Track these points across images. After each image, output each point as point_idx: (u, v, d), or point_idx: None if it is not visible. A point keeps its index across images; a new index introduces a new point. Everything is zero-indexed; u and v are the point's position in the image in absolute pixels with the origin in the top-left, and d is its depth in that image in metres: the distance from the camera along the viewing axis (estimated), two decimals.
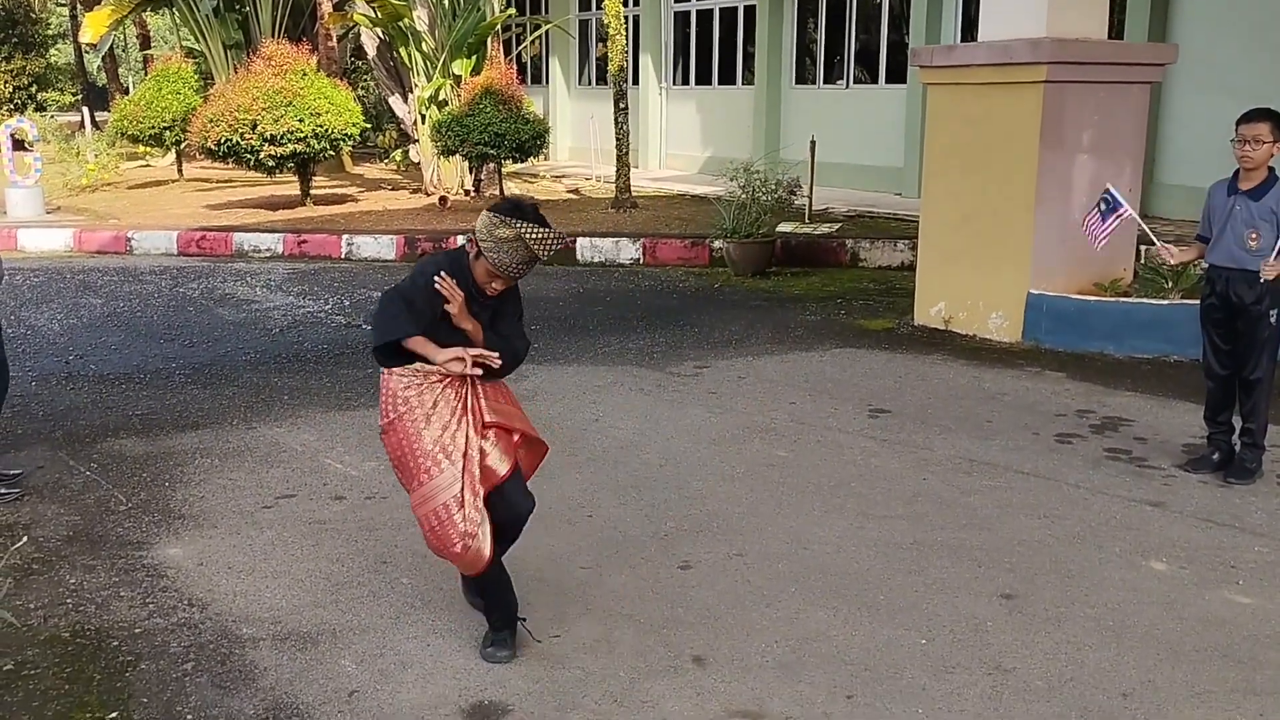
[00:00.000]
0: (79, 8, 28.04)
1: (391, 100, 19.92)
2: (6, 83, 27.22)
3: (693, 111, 20.28)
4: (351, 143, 16.09)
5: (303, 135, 14.74)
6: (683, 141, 20.49)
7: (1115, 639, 3.96)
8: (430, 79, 17.15)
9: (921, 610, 4.18)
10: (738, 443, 6.14)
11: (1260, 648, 3.89)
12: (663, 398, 6.97)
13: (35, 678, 3.72)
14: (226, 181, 19.46)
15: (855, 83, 17.26)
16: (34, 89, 27.92)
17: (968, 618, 4.12)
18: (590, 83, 23.18)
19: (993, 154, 8.40)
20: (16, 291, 10.28)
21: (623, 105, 15.11)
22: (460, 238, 12.68)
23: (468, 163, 16.32)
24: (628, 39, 17.43)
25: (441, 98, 16.91)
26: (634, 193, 15.44)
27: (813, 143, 13.32)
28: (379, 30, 18.17)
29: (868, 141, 16.40)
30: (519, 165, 17.73)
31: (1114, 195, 5.99)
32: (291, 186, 16.78)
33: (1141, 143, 8.83)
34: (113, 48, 28.86)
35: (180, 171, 20.21)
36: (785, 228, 12.22)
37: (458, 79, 16.87)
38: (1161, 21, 12.75)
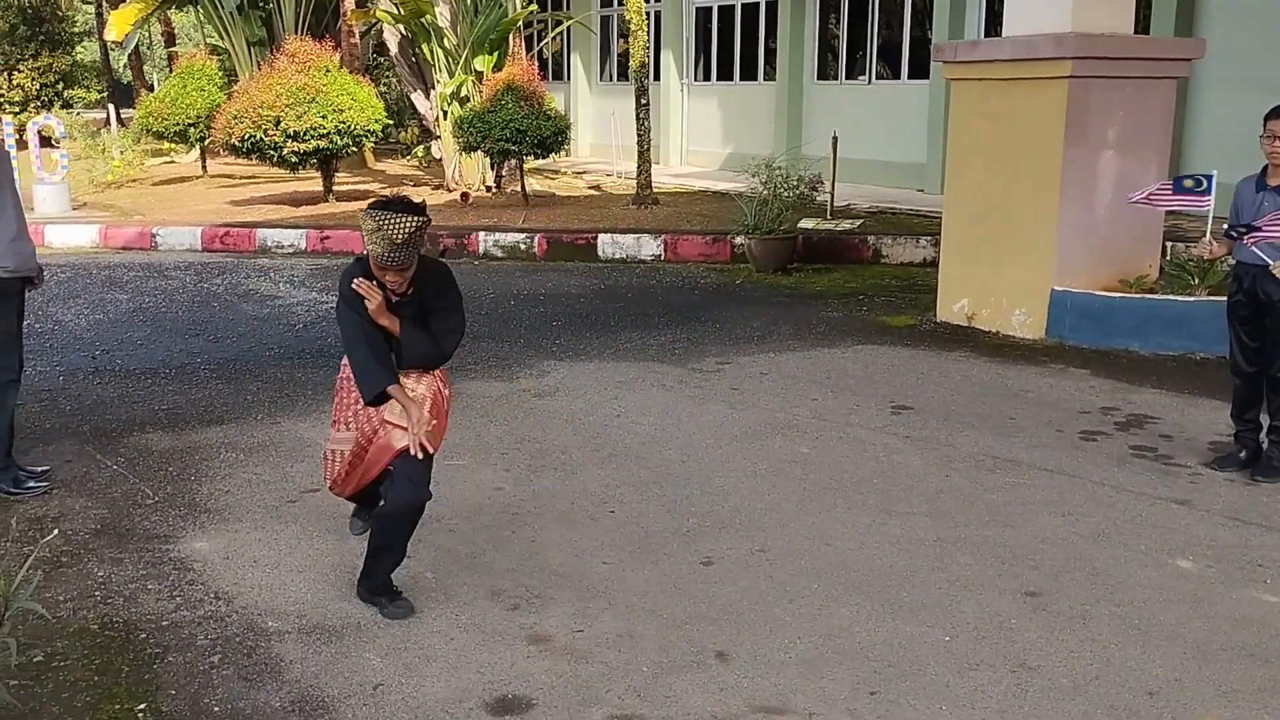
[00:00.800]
0: (104, 5, 28.22)
1: (413, 96, 19.96)
2: (33, 80, 27.38)
3: (714, 107, 20.25)
4: (374, 139, 16.13)
5: (325, 131, 14.79)
6: (704, 138, 20.47)
7: (1141, 637, 3.94)
8: (452, 75, 17.19)
9: (945, 607, 4.17)
10: (760, 439, 6.13)
11: None
12: (684, 394, 6.97)
13: (65, 669, 3.75)
14: (250, 178, 19.56)
15: (878, 78, 17.19)
16: (60, 86, 28.05)
17: (991, 615, 4.11)
18: (612, 79, 23.18)
19: (1016, 150, 8.36)
20: (43, 287, 10.29)
21: (644, 101, 15.11)
22: (481, 234, 12.72)
23: (489, 159, 16.34)
24: (649, 35, 17.41)
25: (463, 94, 16.94)
26: (655, 189, 15.44)
27: (835, 139, 13.27)
28: (401, 26, 18.21)
29: (890, 137, 16.34)
30: (540, 161, 17.75)
31: (1212, 182, 5.95)
32: (314, 183, 16.85)
33: (1168, 138, 8.77)
34: (138, 45, 29.06)
35: (204, 168, 20.33)
36: (807, 224, 12.19)
37: (479, 75, 16.90)
38: (1188, 16, 12.65)
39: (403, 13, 17.15)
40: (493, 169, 17.11)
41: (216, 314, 9.52)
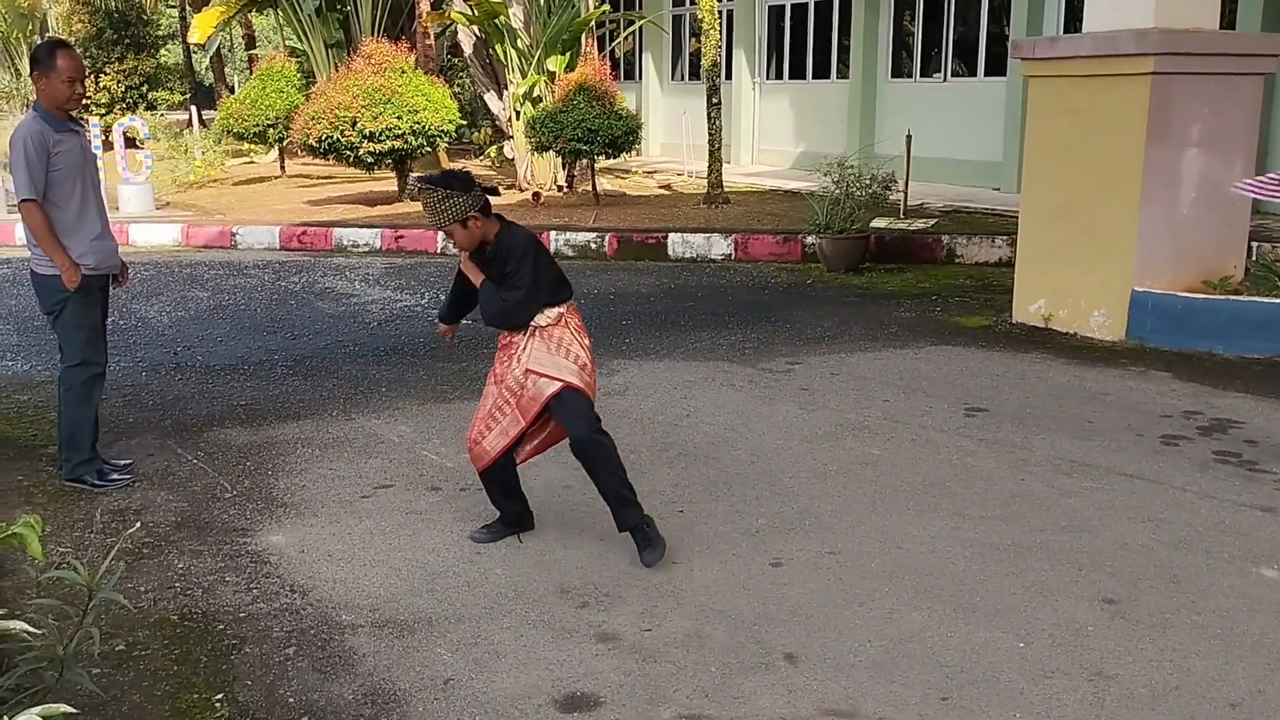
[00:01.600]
0: (188, 9, 28.88)
1: (486, 97, 20.14)
2: (119, 83, 28.09)
3: (786, 106, 20.14)
4: (447, 139, 16.31)
5: (400, 132, 14.99)
6: (776, 137, 20.36)
7: (1223, 647, 3.84)
8: (525, 75, 17.30)
9: (1019, 613, 4.10)
10: (830, 440, 6.09)
11: None
12: (754, 394, 6.94)
13: (145, 658, 3.85)
14: (327, 178, 19.89)
15: (953, 76, 16.97)
16: (145, 88, 28.75)
17: (1068, 622, 4.03)
18: (683, 78, 23.16)
19: (1096, 147, 8.19)
20: (127, 285, 10.61)
21: (715, 100, 15.07)
22: (553, 233, 12.79)
23: (561, 159, 16.44)
24: (721, 34, 17.36)
25: (536, 94, 17.05)
26: (726, 188, 15.39)
27: (909, 137, 13.12)
28: (475, 28, 18.37)
29: (965, 135, 16.11)
30: (611, 161, 17.80)
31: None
32: (389, 182, 17.08)
33: (1254, 136, 8.53)
34: (220, 48, 29.68)
35: (283, 168, 20.72)
36: (879, 223, 12.07)
37: (552, 75, 17.00)
38: (1276, 10, 12.29)
39: (477, 14, 17.31)
40: (564, 169, 17.20)
41: (293, 311, 9.69)
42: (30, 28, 30.79)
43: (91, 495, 5.36)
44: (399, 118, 14.94)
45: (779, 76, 20.60)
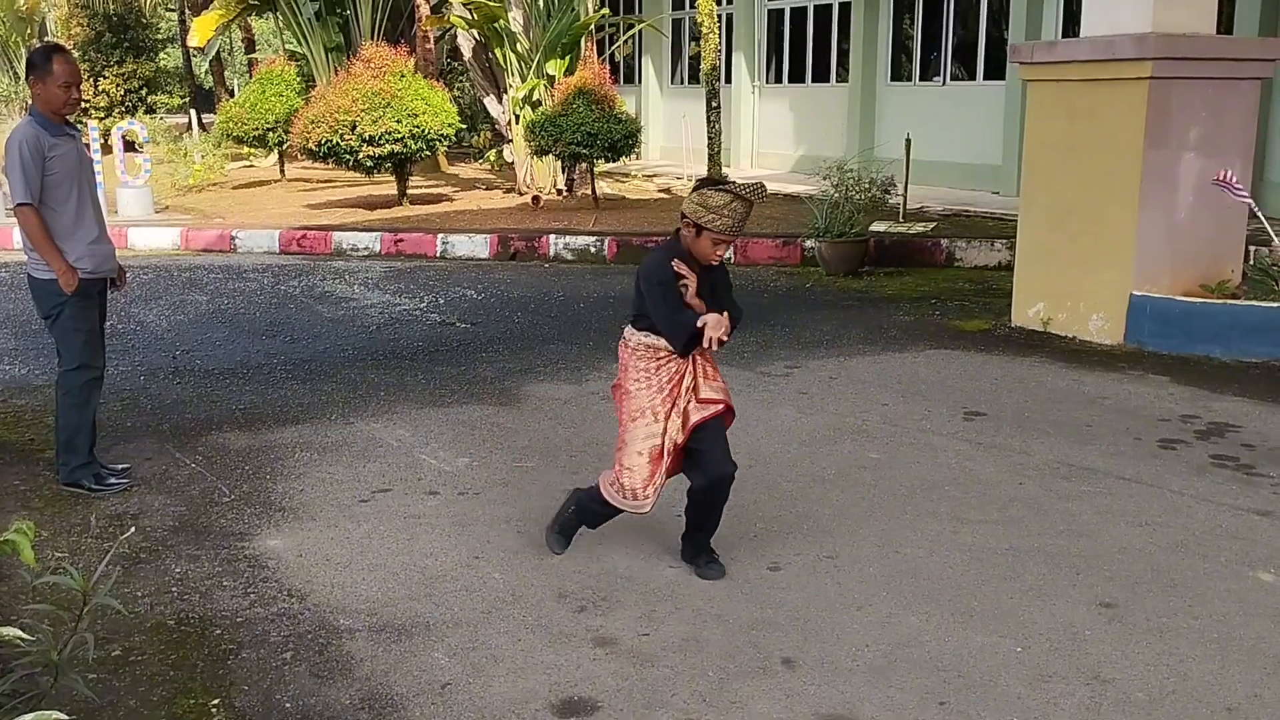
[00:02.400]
0: (187, 12, 28.91)
1: (486, 101, 20.16)
2: (118, 86, 28.13)
3: (785, 110, 20.16)
4: (447, 143, 16.32)
5: (400, 136, 15.00)
6: (775, 140, 20.38)
7: (1220, 651, 3.84)
8: (524, 79, 17.32)
9: (1017, 617, 4.10)
10: (829, 444, 6.09)
11: None
12: (753, 397, 6.94)
13: (142, 663, 3.85)
14: (326, 181, 19.90)
15: (952, 79, 16.99)
16: (144, 92, 28.78)
17: (1065, 626, 4.03)
18: (682, 82, 23.18)
19: (1095, 152, 8.20)
20: (126, 289, 10.63)
21: (715, 104, 15.09)
22: (552, 237, 12.79)
23: (560, 162, 16.46)
24: (720, 38, 17.38)
25: (535, 98, 17.06)
26: None
27: (908, 140, 13.13)
28: (475, 32, 18.40)
29: (965, 139, 16.13)
30: (611, 165, 17.82)
31: (1241, 193, 5.83)
32: (389, 186, 17.09)
33: (1251, 140, 8.54)
34: (219, 51, 29.72)
35: (282, 172, 20.73)
36: (879, 227, 12.08)
37: (551, 79, 17.01)
38: (1273, 15, 12.31)
39: (476, 18, 17.33)
40: (564, 172, 17.22)
41: (293, 315, 9.69)
42: (29, 31, 30.85)
43: (89, 500, 5.36)
44: (398, 121, 14.95)
45: (778, 80, 20.62)
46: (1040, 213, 8.72)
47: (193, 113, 27.79)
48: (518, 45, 17.33)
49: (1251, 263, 8.72)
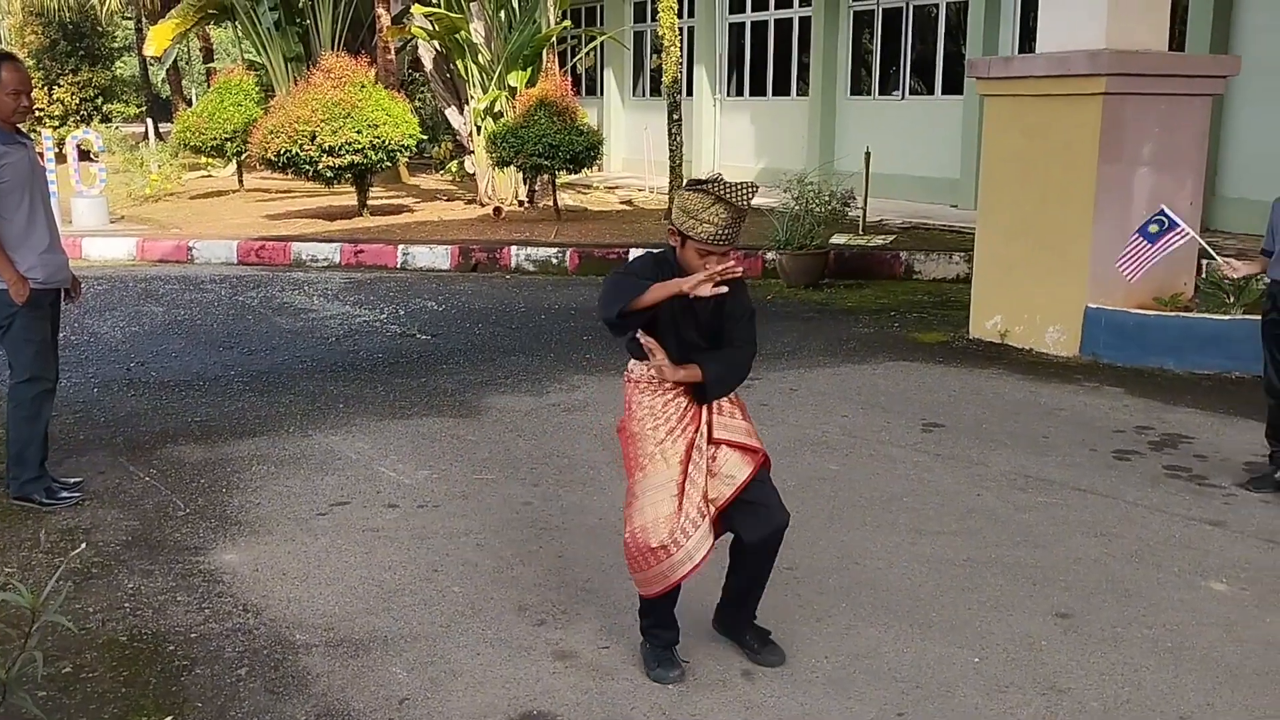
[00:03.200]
0: (144, 21, 28.62)
1: (448, 112, 20.11)
2: (73, 95, 27.80)
3: (746, 123, 20.26)
4: (408, 154, 16.25)
5: (360, 146, 14.92)
6: (736, 153, 20.47)
7: (1173, 660, 3.88)
8: (486, 91, 17.30)
9: (974, 628, 4.13)
10: (789, 455, 6.10)
11: None
12: None
13: (93, 680, 3.78)
14: (286, 192, 19.75)
15: (911, 94, 17.15)
16: (99, 101, 28.46)
17: (1022, 636, 4.06)
18: (644, 94, 23.24)
19: (1050, 166, 8.30)
20: (80, 299, 10.50)
21: (676, 117, 15.13)
22: (514, 248, 12.76)
23: (522, 174, 16.43)
24: (682, 50, 17.45)
25: (497, 109, 17.04)
26: None
27: (867, 154, 13.23)
28: (436, 43, 18.35)
29: (923, 153, 16.28)
30: (573, 176, 17.82)
31: (1168, 215, 5.89)
32: (349, 197, 16.99)
33: (1203, 156, 8.68)
34: (176, 60, 29.42)
35: (241, 182, 20.55)
36: (839, 239, 12.16)
37: (513, 91, 17.00)
38: (1224, 32, 12.53)
39: (438, 29, 17.29)
40: (525, 184, 17.19)
41: (250, 327, 9.60)
42: None
43: (39, 514, 5.27)
44: (359, 132, 14.88)
45: (740, 93, 20.72)
46: (997, 226, 8.81)
47: (149, 122, 27.46)
48: (479, 56, 17.30)
49: (1204, 276, 8.85)
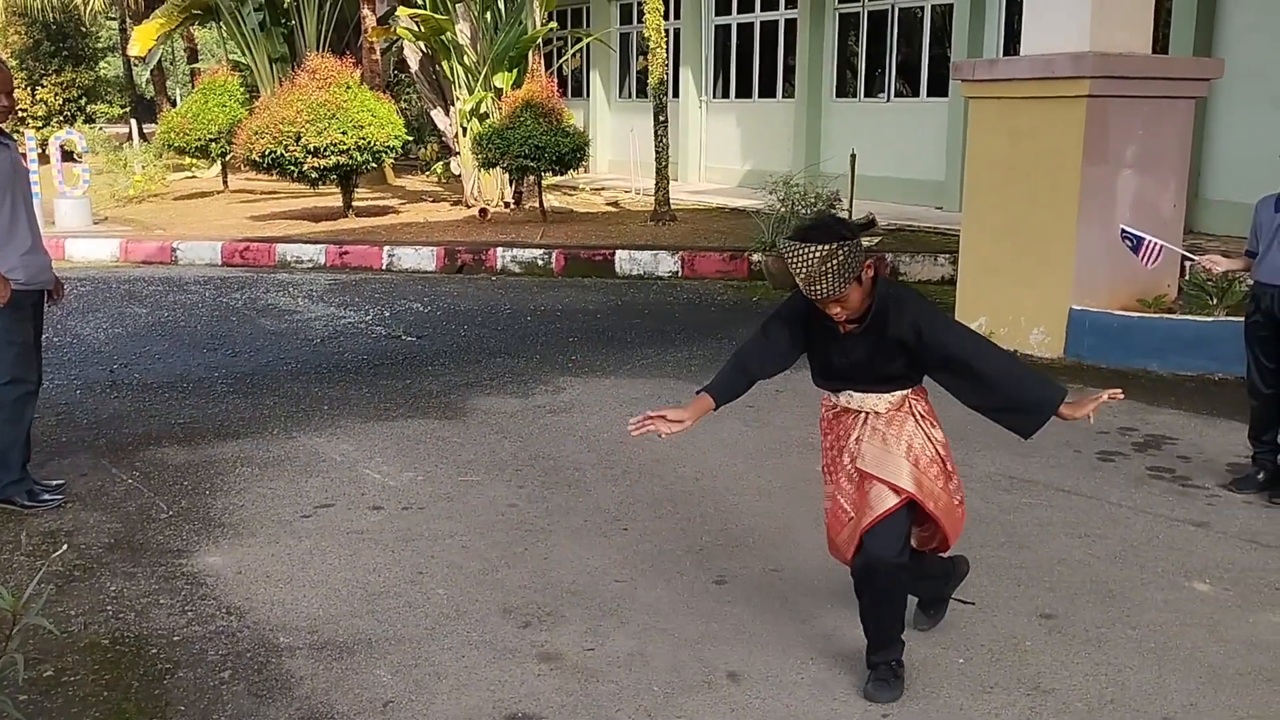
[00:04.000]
0: (128, 21, 28.51)
1: (433, 113, 20.08)
2: (56, 95, 27.68)
3: (732, 125, 20.28)
4: (393, 155, 16.23)
5: (345, 147, 14.89)
6: (722, 155, 20.49)
7: (1157, 661, 3.90)
8: (472, 92, 17.27)
9: (959, 629, 4.14)
10: (775, 457, 6.11)
11: None
12: None
13: (75, 684, 3.76)
14: (270, 193, 19.69)
15: (896, 96, 17.19)
16: (83, 101, 28.35)
17: (1006, 637, 4.07)
18: (630, 96, 23.25)
19: (1035, 168, 8.33)
20: (63, 301, 10.44)
21: (662, 118, 15.14)
22: (500, 250, 12.75)
23: (508, 175, 16.42)
24: (668, 52, 17.45)
25: (483, 110, 17.03)
26: (673, 206, 15.45)
27: (853, 156, 13.26)
28: (422, 44, 18.32)
29: (909, 155, 16.32)
30: (559, 178, 17.81)
31: (1130, 232, 5.92)
32: (334, 198, 16.95)
33: (1186, 158, 8.72)
34: (161, 61, 29.31)
35: (225, 183, 20.48)
36: None
37: (499, 92, 16.99)
38: (1207, 35, 12.60)
39: (423, 30, 17.26)
40: (511, 185, 17.18)
41: (234, 328, 9.56)
42: None
43: (21, 516, 5.24)
44: (344, 133, 14.84)
45: (725, 95, 20.74)
46: (982, 228, 8.83)
47: (133, 122, 27.35)
48: (465, 58, 17.28)
49: (1187, 278, 8.89)
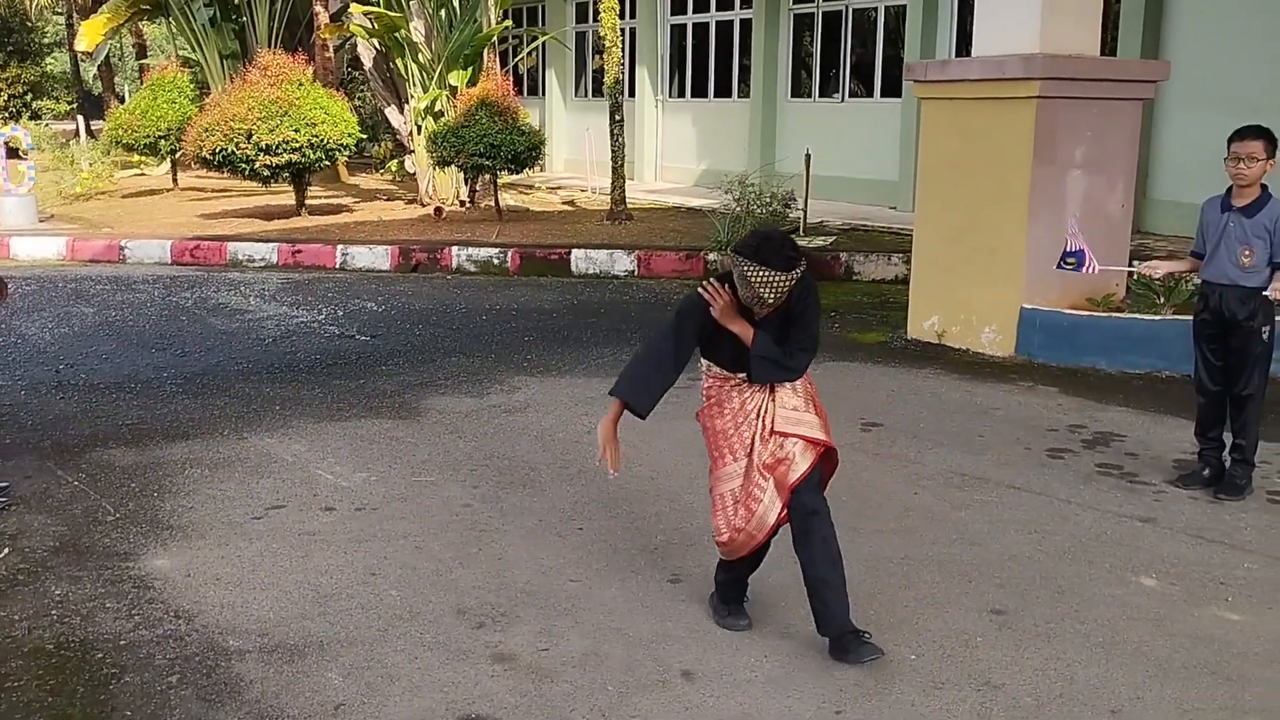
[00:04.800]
0: (75, 16, 28.06)
1: (387, 111, 19.93)
2: (1, 91, 27.23)
3: (688, 124, 20.32)
4: (347, 153, 16.10)
5: (298, 145, 14.74)
6: (678, 154, 20.52)
7: (1105, 655, 3.95)
8: (426, 90, 17.17)
9: (911, 625, 4.17)
10: None
11: (1249, 665, 3.88)
12: (655, 410, 6.92)
13: (18, 690, 3.69)
14: (222, 191, 19.46)
15: (850, 96, 17.30)
16: (29, 97, 27.96)
17: (957, 633, 4.11)
18: (586, 95, 23.22)
19: (986, 168, 8.41)
20: (8, 300, 10.25)
21: (618, 117, 15.14)
22: (455, 249, 12.68)
23: (463, 174, 16.33)
24: (624, 51, 17.46)
25: (437, 108, 16.93)
26: (629, 205, 15.45)
27: (808, 156, 13.33)
28: (375, 41, 18.18)
29: (863, 155, 16.43)
30: (515, 177, 17.74)
31: (1069, 254, 6.00)
32: (287, 196, 16.77)
33: (1134, 159, 8.85)
34: (109, 56, 28.89)
35: (175, 181, 20.21)
36: None
37: (454, 90, 16.89)
38: (1154, 38, 12.80)
39: (377, 28, 17.14)
40: (466, 184, 17.10)
41: (184, 328, 9.44)
42: None
43: None
44: (296, 131, 14.69)
45: (681, 95, 20.78)
46: (935, 228, 8.91)
47: (80, 119, 26.93)
48: (419, 55, 17.17)
49: (1134, 278, 9.02)
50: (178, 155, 18.59)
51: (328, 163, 15.85)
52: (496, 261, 12.54)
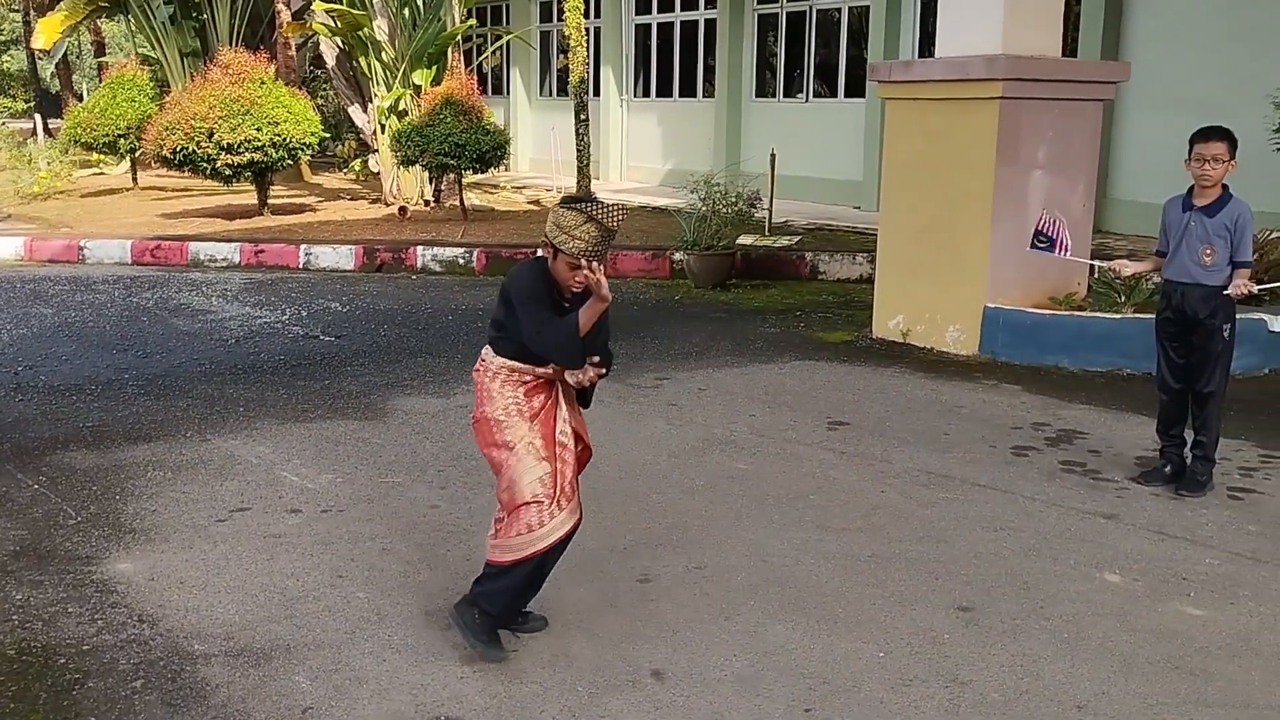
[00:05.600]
0: (32, 13, 27.66)
1: (351, 110, 19.80)
2: None
3: (653, 124, 20.33)
4: (310, 152, 15.98)
5: (260, 144, 14.62)
6: (643, 154, 20.53)
7: (1070, 651, 3.99)
8: (390, 89, 17.07)
9: (879, 623, 4.19)
10: (697, 455, 6.13)
11: (1211, 659, 3.94)
12: (622, 410, 6.95)
13: None
14: (183, 190, 19.25)
15: (815, 96, 17.37)
16: None
17: (925, 630, 4.13)
18: (551, 94, 23.18)
19: (950, 169, 8.48)
20: None
21: (583, 117, 15.12)
22: (420, 248, 12.62)
23: (427, 173, 16.25)
24: (588, 51, 17.44)
25: (401, 108, 16.83)
26: None
27: (773, 156, 13.37)
28: (338, 39, 18.05)
29: (827, 155, 16.50)
30: (479, 176, 17.68)
31: (1042, 234, 6.05)
32: (249, 196, 16.63)
33: (1095, 159, 8.94)
34: (66, 54, 28.51)
35: (135, 180, 19.97)
36: (745, 240, 12.26)
37: (418, 89, 16.81)
38: (1114, 39, 12.94)
39: (340, 26, 17.02)
40: (431, 183, 17.01)
41: (145, 329, 9.33)
42: None
43: None
44: (258, 129, 14.57)
45: (646, 94, 20.78)
46: (899, 227, 8.97)
47: (38, 118, 26.55)
48: (383, 54, 17.07)
49: (1096, 277, 9.12)
50: (137, 154, 18.40)
51: (290, 162, 15.72)
52: (462, 261, 12.49)
